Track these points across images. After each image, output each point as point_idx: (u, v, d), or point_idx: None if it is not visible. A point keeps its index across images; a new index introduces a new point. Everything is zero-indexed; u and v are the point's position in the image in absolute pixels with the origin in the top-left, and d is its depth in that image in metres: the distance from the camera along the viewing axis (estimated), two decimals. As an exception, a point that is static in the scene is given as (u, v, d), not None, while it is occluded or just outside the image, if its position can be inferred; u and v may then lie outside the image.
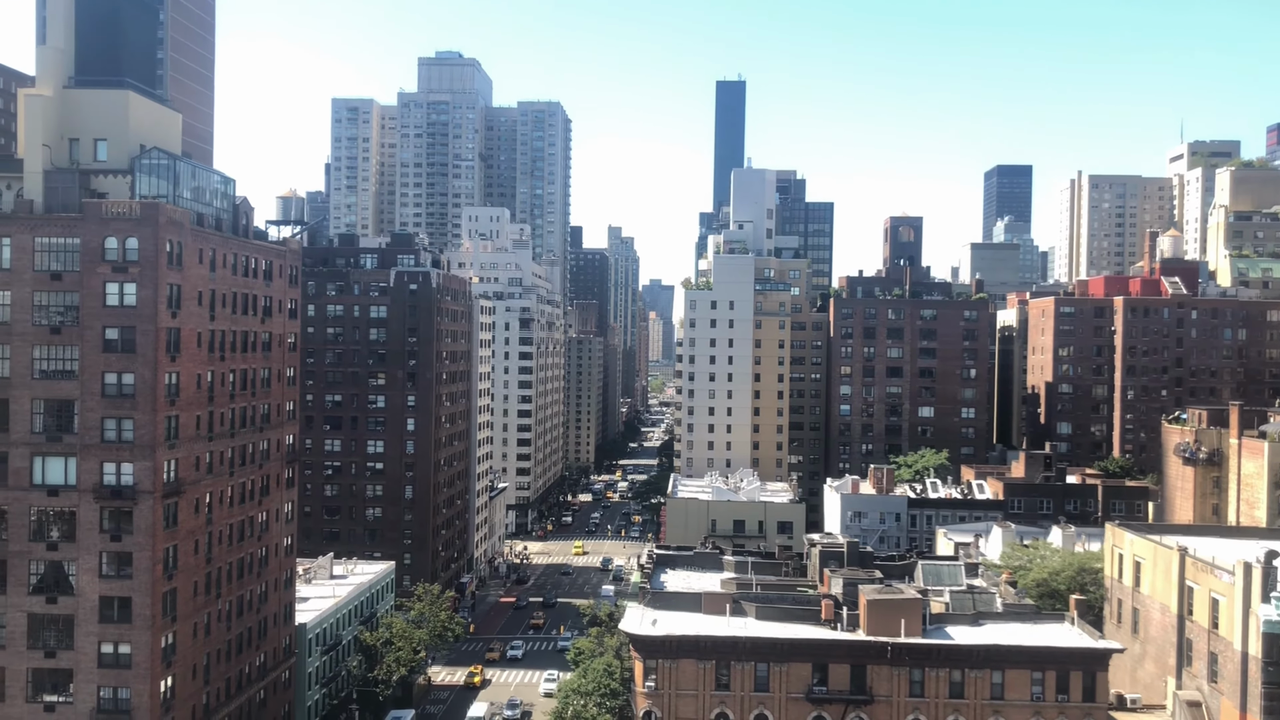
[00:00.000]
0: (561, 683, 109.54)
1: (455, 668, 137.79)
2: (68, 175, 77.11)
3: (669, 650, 73.74)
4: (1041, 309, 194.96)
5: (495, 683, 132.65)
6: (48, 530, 76.10)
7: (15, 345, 75.60)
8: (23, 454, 75.70)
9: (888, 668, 73.19)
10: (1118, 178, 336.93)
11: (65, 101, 79.49)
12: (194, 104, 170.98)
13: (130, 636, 75.66)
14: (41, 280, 75.44)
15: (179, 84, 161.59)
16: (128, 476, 75.41)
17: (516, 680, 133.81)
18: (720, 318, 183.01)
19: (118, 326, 75.20)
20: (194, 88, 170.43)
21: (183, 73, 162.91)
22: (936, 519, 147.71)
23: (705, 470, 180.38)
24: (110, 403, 75.35)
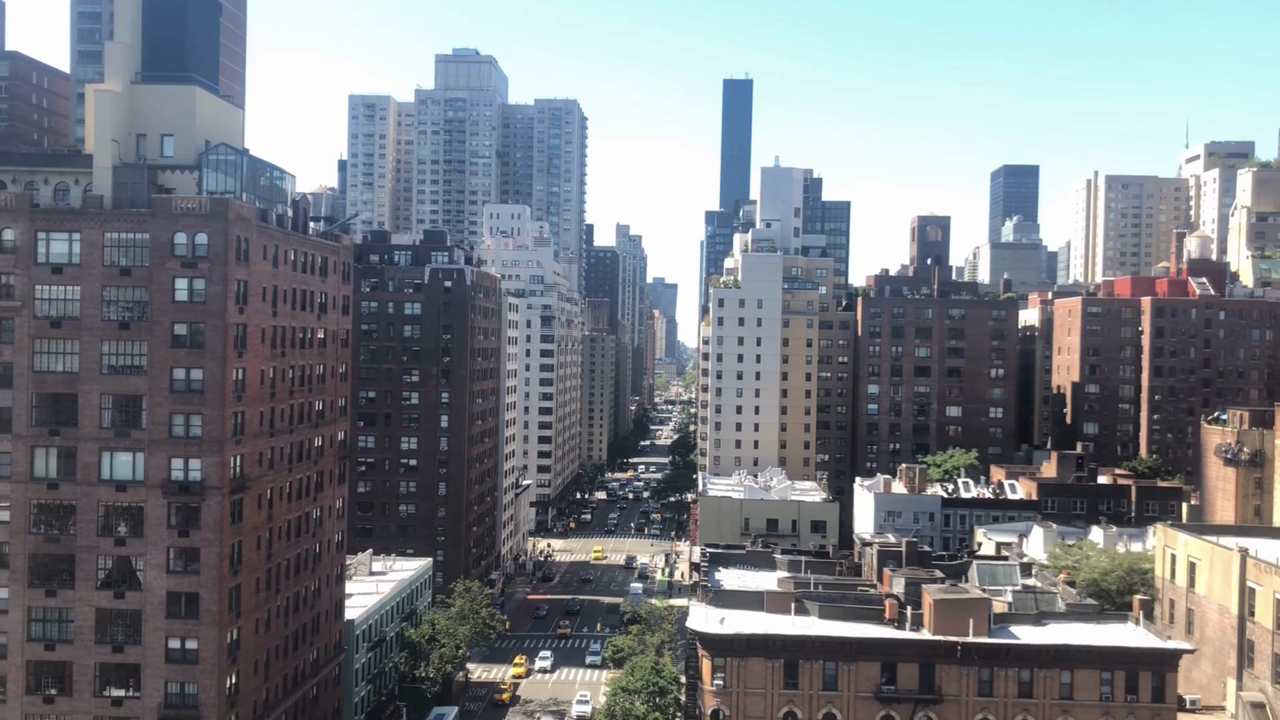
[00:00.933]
0: (608, 680, 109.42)
1: (490, 664, 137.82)
2: (136, 170, 77.13)
3: (738, 649, 73.82)
4: (1068, 309, 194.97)
5: (529, 681, 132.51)
6: (115, 525, 76.16)
7: (84, 340, 75.63)
8: (91, 449, 75.76)
9: (956, 667, 73.24)
10: (1134, 178, 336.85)
11: (133, 97, 79.51)
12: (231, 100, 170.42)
13: (197, 632, 75.73)
14: (111, 275, 75.46)
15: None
16: (195, 472, 75.45)
17: (554, 679, 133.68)
18: (748, 316, 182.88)
19: (187, 322, 75.21)
20: (229, 84, 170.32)
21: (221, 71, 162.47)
22: (970, 519, 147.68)
23: (733, 469, 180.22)
24: (179, 398, 75.38)
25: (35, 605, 76.20)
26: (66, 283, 75.51)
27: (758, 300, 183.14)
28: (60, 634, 76.15)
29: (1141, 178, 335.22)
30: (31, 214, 75.74)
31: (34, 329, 75.85)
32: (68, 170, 79.66)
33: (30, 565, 76.23)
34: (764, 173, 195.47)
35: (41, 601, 76.12)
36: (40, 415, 76.05)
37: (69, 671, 76.13)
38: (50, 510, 76.26)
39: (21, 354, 75.85)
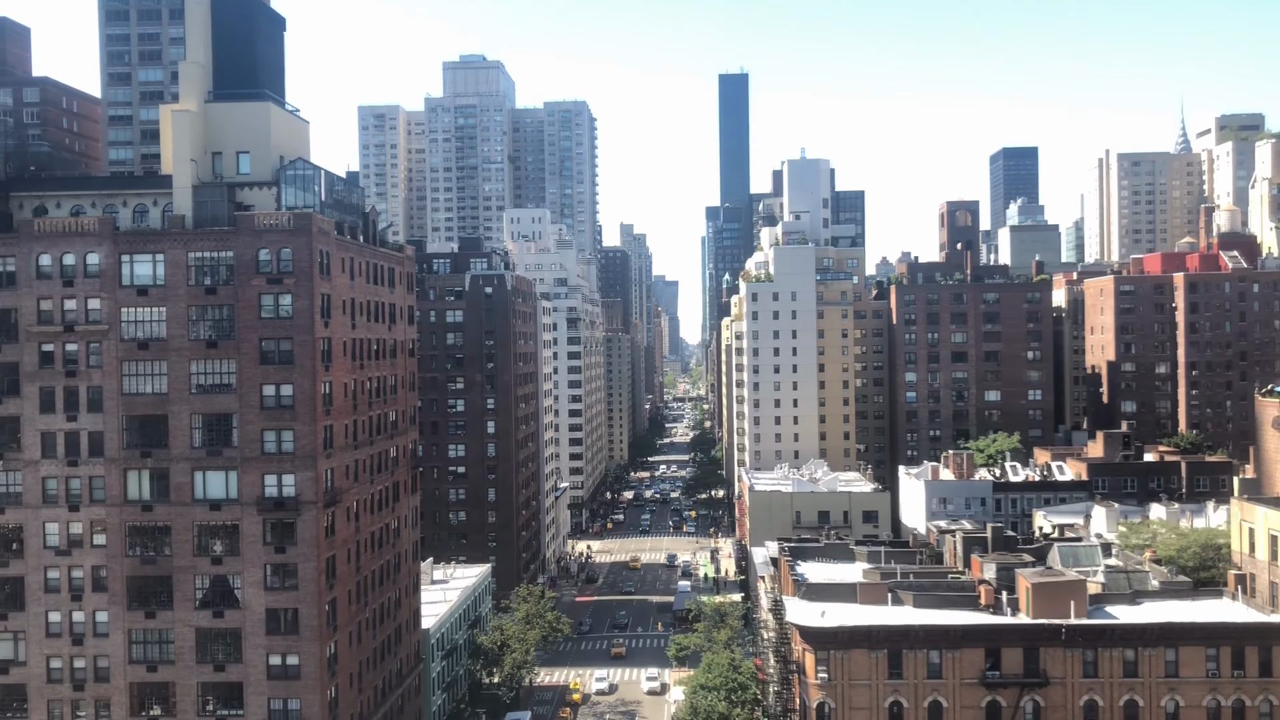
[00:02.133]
0: (686, 679, 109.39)
1: (552, 668, 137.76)
2: (216, 189, 77.13)
3: (841, 641, 73.82)
4: (1099, 288, 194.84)
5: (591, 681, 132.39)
6: (211, 545, 76.21)
7: (172, 360, 75.66)
8: (183, 469, 75.79)
9: (1061, 650, 73.26)
10: (1145, 155, 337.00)
11: (207, 116, 79.48)
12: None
13: (298, 648, 75.76)
14: (196, 295, 75.47)
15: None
16: (289, 488, 75.47)
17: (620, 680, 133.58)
18: (782, 309, 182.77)
19: (274, 338, 75.22)
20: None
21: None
22: (1022, 502, 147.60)
23: (774, 463, 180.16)
24: (269, 414, 75.40)
25: (135, 627, 76.26)
26: (152, 304, 75.53)
27: (791, 293, 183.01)
28: (161, 655, 76.20)
29: (1153, 154, 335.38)
30: (115, 237, 75.77)
31: (122, 351, 75.89)
32: (146, 191, 79.66)
33: (128, 587, 76.29)
34: (790, 165, 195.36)
35: (141, 623, 76.19)
36: (131, 438, 76.10)
37: (171, 692, 76.19)
38: (145, 532, 76.33)
39: (110, 377, 75.89)
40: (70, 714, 76.39)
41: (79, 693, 76.33)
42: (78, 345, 75.93)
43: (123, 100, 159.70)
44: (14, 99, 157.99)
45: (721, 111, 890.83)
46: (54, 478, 76.30)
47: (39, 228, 76.00)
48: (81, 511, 76.19)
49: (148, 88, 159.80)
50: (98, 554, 76.33)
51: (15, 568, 76.59)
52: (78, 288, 75.78)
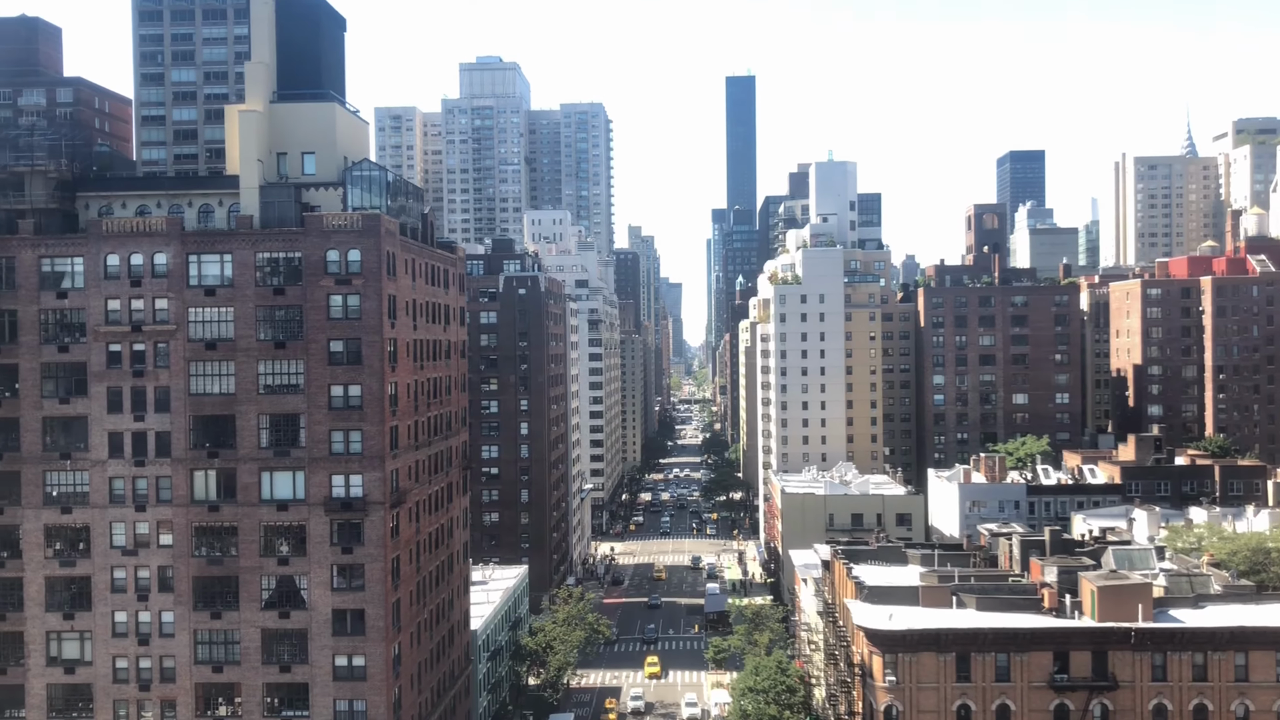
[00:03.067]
0: (733, 681, 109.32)
1: (585, 670, 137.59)
2: (283, 190, 77.14)
3: (909, 644, 73.78)
4: (1125, 291, 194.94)
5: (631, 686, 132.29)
6: (278, 545, 76.19)
7: (240, 361, 75.68)
8: (251, 469, 75.79)
9: (1129, 653, 73.20)
10: (1161, 159, 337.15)
11: (272, 116, 79.50)
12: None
13: (364, 648, 75.74)
14: (264, 295, 75.49)
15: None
16: (357, 488, 75.47)
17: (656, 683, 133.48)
18: (810, 311, 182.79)
19: (343, 339, 75.22)
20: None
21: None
22: (1055, 505, 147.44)
23: (801, 465, 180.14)
24: (337, 415, 75.40)
25: (201, 627, 76.23)
26: (220, 304, 75.55)
27: (819, 295, 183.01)
28: (227, 655, 76.17)
29: (1169, 158, 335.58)
30: (183, 237, 75.81)
31: (189, 352, 75.91)
32: (211, 192, 79.69)
33: (194, 588, 76.27)
34: (818, 167, 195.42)
35: (207, 624, 76.16)
36: (198, 438, 76.11)
37: (237, 692, 76.16)
38: (212, 532, 76.33)
39: (177, 377, 75.91)
40: (136, 714, 76.38)
41: (145, 693, 76.31)
42: (145, 345, 75.94)
43: (155, 100, 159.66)
44: (47, 99, 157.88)
45: (728, 114, 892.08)
46: (121, 478, 76.30)
47: (107, 228, 76.05)
48: (148, 512, 76.18)
49: (180, 88, 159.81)
50: (164, 554, 76.31)
51: (82, 567, 76.59)
52: (145, 288, 75.79)
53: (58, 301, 76.21)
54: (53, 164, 77.81)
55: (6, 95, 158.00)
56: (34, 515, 76.49)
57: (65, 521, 76.58)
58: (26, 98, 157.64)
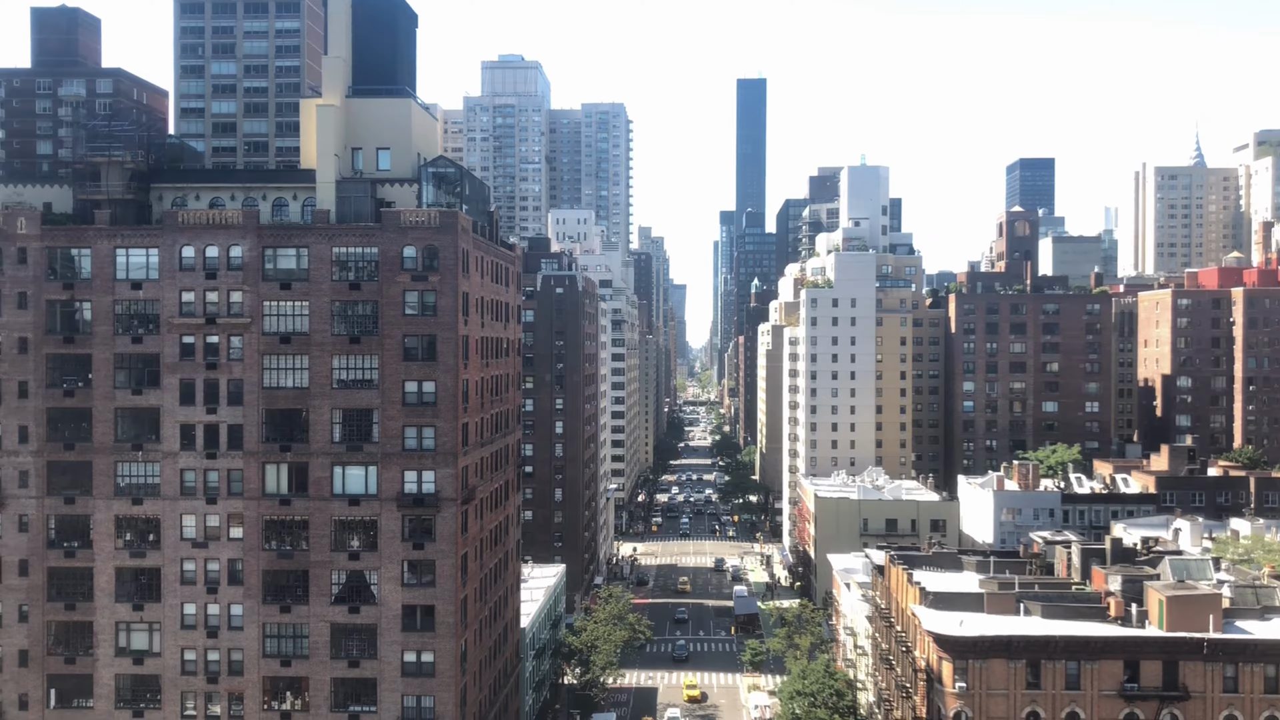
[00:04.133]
0: (780, 685, 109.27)
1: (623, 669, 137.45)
2: (359, 185, 77.12)
3: (980, 650, 73.73)
4: (1155, 301, 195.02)
5: (666, 686, 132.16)
6: (348, 540, 76.13)
7: (314, 355, 75.64)
8: (323, 464, 75.76)
9: (1200, 664, 73.11)
10: (1182, 169, 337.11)
11: (348, 111, 79.47)
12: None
13: (433, 645, 75.68)
14: (339, 290, 75.45)
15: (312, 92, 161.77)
16: (429, 484, 75.43)
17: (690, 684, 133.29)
18: (842, 315, 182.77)
19: (418, 335, 75.19)
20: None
21: (318, 81, 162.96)
22: (1090, 514, 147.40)
23: (830, 469, 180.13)
24: (411, 411, 75.35)
25: (270, 621, 76.18)
26: (295, 298, 75.51)
27: (851, 299, 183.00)
28: (295, 649, 76.11)
29: (1189, 168, 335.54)
30: (259, 230, 75.77)
31: (263, 345, 75.88)
32: (286, 186, 79.63)
33: (264, 581, 76.22)
34: (850, 171, 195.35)
35: (276, 617, 76.10)
36: (270, 431, 76.07)
37: (305, 686, 76.09)
38: (282, 526, 76.29)
39: (251, 370, 75.87)
40: (203, 706, 76.32)
41: (212, 685, 76.26)
42: (219, 338, 75.91)
43: (195, 93, 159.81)
44: (87, 90, 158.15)
45: (739, 116, 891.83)
46: (192, 470, 76.26)
47: (182, 220, 76.00)
48: (219, 504, 76.15)
49: (220, 81, 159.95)
50: (234, 547, 76.28)
51: (152, 559, 76.55)
52: (220, 280, 75.78)
53: (132, 292, 76.19)
54: (129, 155, 77.68)
55: (47, 85, 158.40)
56: (105, 506, 76.47)
57: (136, 512, 76.53)
58: (67, 88, 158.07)
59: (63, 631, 77.02)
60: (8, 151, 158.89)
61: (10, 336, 76.48)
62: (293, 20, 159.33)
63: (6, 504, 76.46)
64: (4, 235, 76.19)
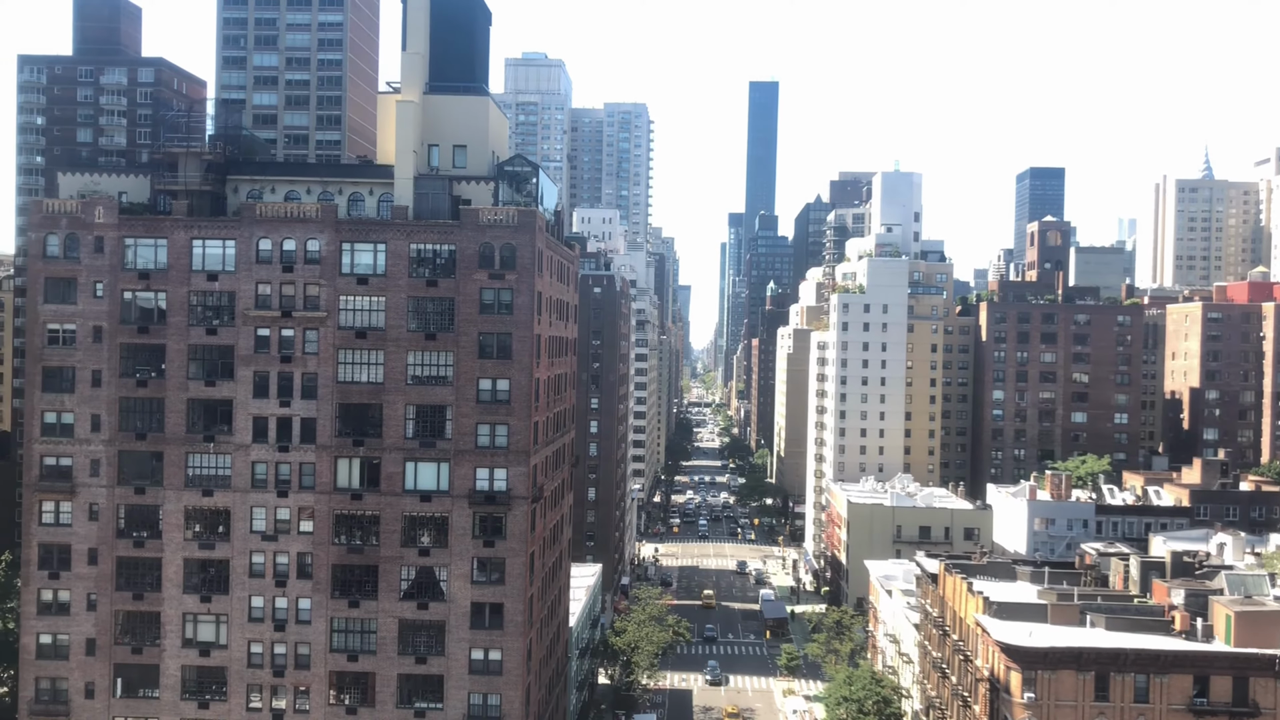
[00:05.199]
0: (825, 690, 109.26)
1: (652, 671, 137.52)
2: (437, 182, 77.12)
3: (1050, 661, 73.77)
4: (1184, 314, 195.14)
5: (701, 690, 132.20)
6: (419, 536, 76.12)
7: (389, 351, 75.64)
8: (395, 459, 75.75)
9: (1272, 680, 73.15)
10: (1203, 182, 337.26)
11: (426, 107, 79.44)
12: (366, 106, 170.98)
13: (502, 642, 75.68)
14: (416, 286, 75.45)
15: (356, 87, 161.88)
16: (500, 482, 75.42)
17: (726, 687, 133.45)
18: (874, 321, 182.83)
19: (493, 333, 75.19)
20: (366, 90, 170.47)
21: (359, 76, 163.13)
22: (1123, 525, 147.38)
23: (858, 475, 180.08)
24: (484, 408, 75.35)
25: (338, 616, 76.14)
26: (372, 293, 75.50)
27: (883, 305, 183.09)
28: (363, 645, 76.07)
29: (1210, 181, 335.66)
30: (337, 225, 75.76)
31: (338, 339, 75.87)
32: (363, 181, 79.58)
33: (333, 575, 76.19)
34: (884, 177, 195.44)
35: (344, 612, 76.08)
36: (343, 425, 76.02)
37: (371, 682, 76.04)
38: (353, 520, 76.29)
39: (326, 364, 75.87)
40: (269, 699, 76.30)
41: (279, 678, 76.21)
42: (294, 331, 75.89)
43: (236, 84, 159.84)
44: (129, 78, 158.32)
45: (750, 119, 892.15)
46: (264, 462, 76.23)
47: (260, 212, 76.00)
48: (290, 498, 76.12)
49: (262, 73, 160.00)
50: (304, 540, 76.25)
51: (221, 551, 76.52)
52: (297, 274, 75.76)
53: (208, 284, 76.17)
54: (206, 146, 77.65)
55: (89, 73, 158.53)
56: (175, 497, 76.45)
57: (206, 504, 76.50)
58: (108, 76, 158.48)
59: (130, 621, 76.96)
60: (48, 139, 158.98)
61: (85, 325, 76.44)
62: (336, 13, 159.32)
63: (77, 492, 76.44)
64: (81, 224, 76.17)
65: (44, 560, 76.82)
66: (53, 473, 76.79)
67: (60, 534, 76.71)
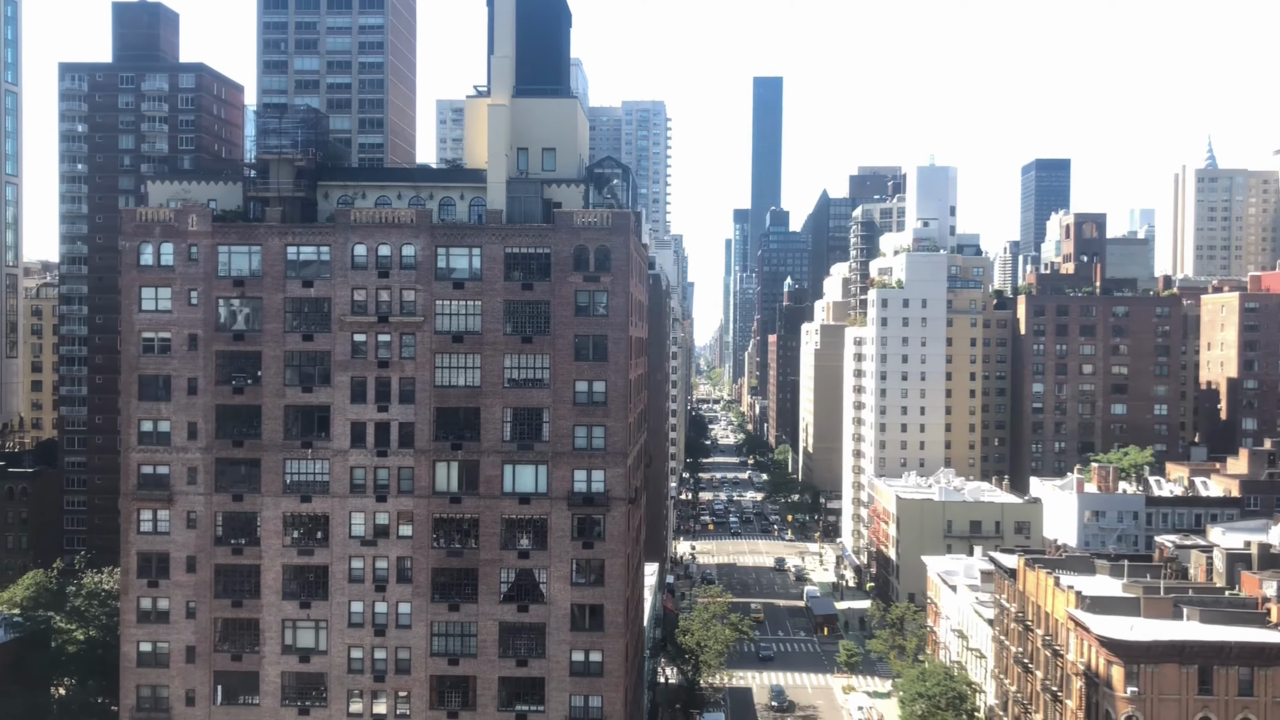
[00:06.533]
0: (897, 686, 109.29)
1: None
2: (529, 185, 77.21)
3: (1153, 655, 73.89)
4: (1221, 304, 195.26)
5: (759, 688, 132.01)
6: (518, 539, 76.24)
7: (486, 354, 75.76)
8: (494, 462, 75.88)
9: (1375, 671, 73.31)
10: (1223, 171, 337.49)
11: (514, 111, 79.48)
12: (405, 109, 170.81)
13: (602, 644, 75.87)
14: (512, 290, 75.57)
15: (395, 89, 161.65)
16: (598, 483, 75.62)
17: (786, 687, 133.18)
18: (913, 316, 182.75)
19: (589, 335, 75.35)
20: (405, 92, 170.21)
21: (399, 78, 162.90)
22: (1173, 517, 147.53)
23: (899, 471, 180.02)
24: (581, 410, 75.52)
25: (438, 619, 76.30)
26: (468, 297, 75.64)
27: (922, 300, 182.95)
28: (463, 648, 76.23)
29: (1231, 170, 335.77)
30: (432, 230, 75.86)
31: (435, 344, 75.98)
32: (454, 185, 79.68)
33: (433, 580, 76.32)
34: (920, 171, 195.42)
35: (444, 616, 76.22)
36: (441, 429, 76.13)
37: (472, 686, 76.21)
38: (452, 524, 76.44)
39: (423, 369, 76.00)
40: (369, 704, 76.43)
41: (379, 684, 76.36)
42: (391, 336, 76.01)
43: (277, 88, 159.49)
44: (170, 85, 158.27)
45: (755, 115, 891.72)
46: (362, 467, 76.34)
47: (355, 218, 76.08)
48: (389, 502, 76.26)
49: (303, 76, 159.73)
50: (403, 545, 76.40)
51: (320, 556, 76.65)
52: (393, 279, 75.85)
53: (303, 290, 76.26)
54: (299, 153, 77.70)
55: (130, 80, 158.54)
56: (273, 503, 76.58)
57: (304, 510, 76.65)
58: (150, 83, 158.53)
59: (229, 628, 77.12)
60: (90, 146, 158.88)
61: (180, 333, 76.55)
62: (376, 16, 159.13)
63: (175, 500, 76.58)
64: (175, 232, 76.24)
65: (142, 568, 77.01)
66: (150, 481, 76.94)
67: (158, 542, 76.87)
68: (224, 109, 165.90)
